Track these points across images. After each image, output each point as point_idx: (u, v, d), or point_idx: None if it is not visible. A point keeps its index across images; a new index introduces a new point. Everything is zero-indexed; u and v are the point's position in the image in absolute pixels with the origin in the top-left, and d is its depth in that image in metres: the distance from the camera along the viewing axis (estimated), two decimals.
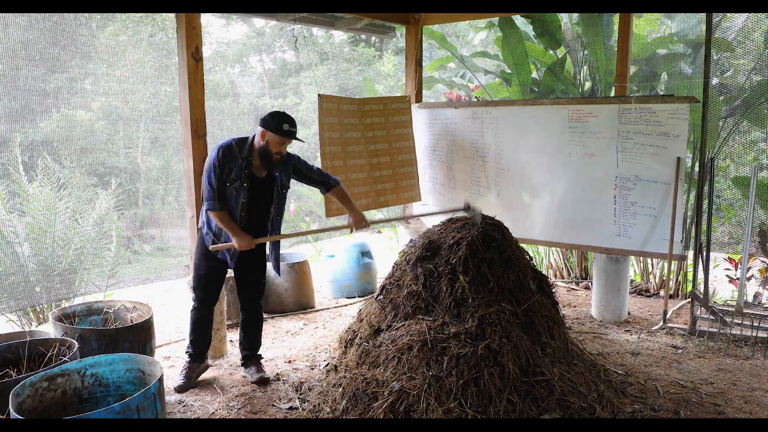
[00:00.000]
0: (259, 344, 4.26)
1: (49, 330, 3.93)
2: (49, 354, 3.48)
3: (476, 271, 3.69)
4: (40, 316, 5.17)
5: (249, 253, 3.91)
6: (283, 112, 3.76)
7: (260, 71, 15.41)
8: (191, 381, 4.07)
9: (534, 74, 6.96)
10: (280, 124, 3.69)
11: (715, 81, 5.82)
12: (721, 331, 4.80)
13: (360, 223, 4.14)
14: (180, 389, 4.00)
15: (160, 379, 2.97)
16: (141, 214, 8.81)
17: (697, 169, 5.49)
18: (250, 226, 3.90)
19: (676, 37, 6.58)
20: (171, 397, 3.84)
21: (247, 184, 3.81)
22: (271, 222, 4.00)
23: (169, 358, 4.58)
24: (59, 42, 5.98)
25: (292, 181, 4.08)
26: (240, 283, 4.15)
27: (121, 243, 5.91)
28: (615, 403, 3.51)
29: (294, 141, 3.80)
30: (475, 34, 8.22)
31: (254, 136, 3.83)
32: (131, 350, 3.75)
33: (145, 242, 8.46)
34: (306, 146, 12.22)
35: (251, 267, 4.05)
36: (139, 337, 3.91)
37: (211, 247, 3.88)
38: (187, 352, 4.16)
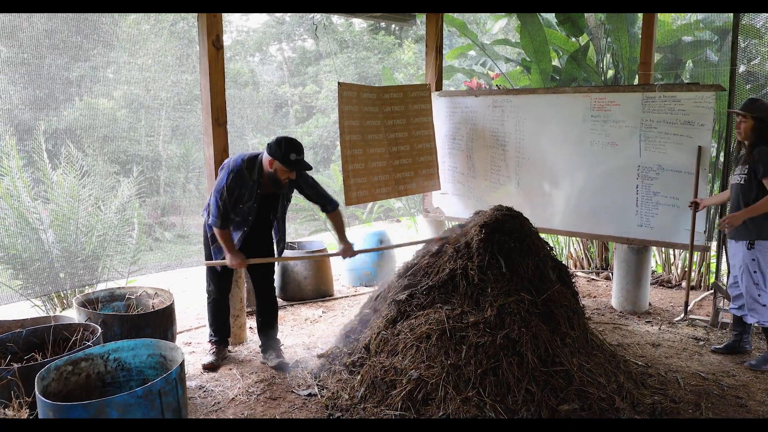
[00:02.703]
0: (276, 329, 4.31)
1: (73, 315, 4.00)
2: (73, 339, 3.54)
3: (495, 260, 3.68)
4: (64, 301, 5.27)
5: (257, 242, 4.05)
6: (290, 140, 3.72)
7: (280, 60, 15.42)
8: (219, 359, 4.22)
9: (555, 62, 6.88)
10: (287, 154, 3.67)
11: (741, 69, 5.69)
12: None
13: (347, 253, 4.18)
14: (210, 366, 4.13)
15: (182, 365, 3.01)
16: (162, 201, 8.91)
17: (721, 158, 5.40)
18: (254, 234, 4.01)
19: (702, 23, 6.44)
20: (191, 383, 3.89)
21: (256, 205, 3.91)
22: (274, 230, 4.14)
23: (190, 344, 4.63)
24: (82, 30, 6.04)
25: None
26: (252, 272, 4.26)
27: (143, 230, 5.99)
28: (635, 394, 3.48)
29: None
30: (495, 23, 8.11)
31: (263, 156, 3.84)
32: (153, 336, 3.80)
33: (167, 230, 8.56)
34: (326, 134, 12.23)
35: (260, 254, 4.13)
36: (160, 322, 3.97)
37: (205, 263, 4.07)
38: (210, 340, 4.30)
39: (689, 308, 5.17)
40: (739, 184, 4.08)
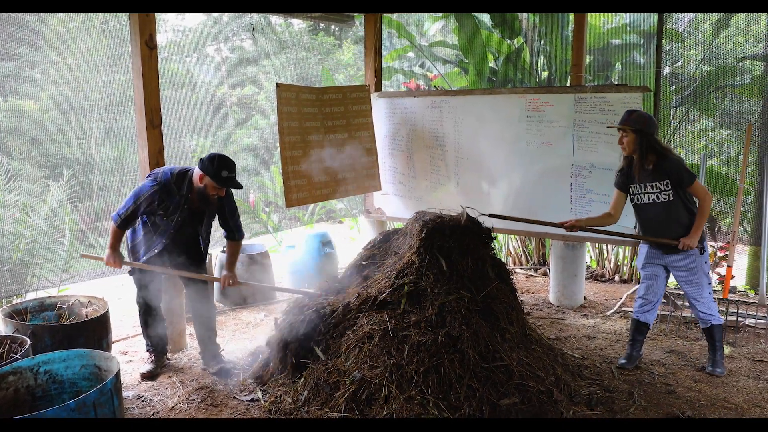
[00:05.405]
0: (215, 335, 4.22)
1: None
2: (0, 352, 3.38)
3: (435, 260, 3.72)
4: None
5: (178, 254, 3.97)
6: (223, 157, 3.70)
7: (218, 60, 15.13)
8: (158, 368, 4.12)
9: (492, 64, 7.02)
10: (219, 170, 3.66)
11: (666, 71, 5.97)
12: (673, 314, 4.96)
13: (228, 280, 4.07)
14: (149, 375, 4.04)
15: (117, 375, 2.91)
16: (95, 206, 8.61)
17: None
18: (177, 246, 3.95)
19: (630, 27, 6.71)
20: (129, 393, 3.78)
21: (181, 218, 3.85)
22: (201, 243, 4.09)
23: (127, 353, 4.49)
24: (5, 28, 5.76)
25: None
26: (183, 279, 4.18)
27: (75, 236, 5.76)
28: (572, 385, 3.60)
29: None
30: (431, 24, 8.22)
31: (193, 172, 3.80)
32: (87, 346, 3.66)
33: (100, 235, 8.27)
34: (266, 136, 12.08)
35: (188, 262, 4.05)
36: (94, 332, 3.83)
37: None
38: (147, 350, 4.20)
39: (622, 301, 5.37)
40: (664, 203, 3.88)
